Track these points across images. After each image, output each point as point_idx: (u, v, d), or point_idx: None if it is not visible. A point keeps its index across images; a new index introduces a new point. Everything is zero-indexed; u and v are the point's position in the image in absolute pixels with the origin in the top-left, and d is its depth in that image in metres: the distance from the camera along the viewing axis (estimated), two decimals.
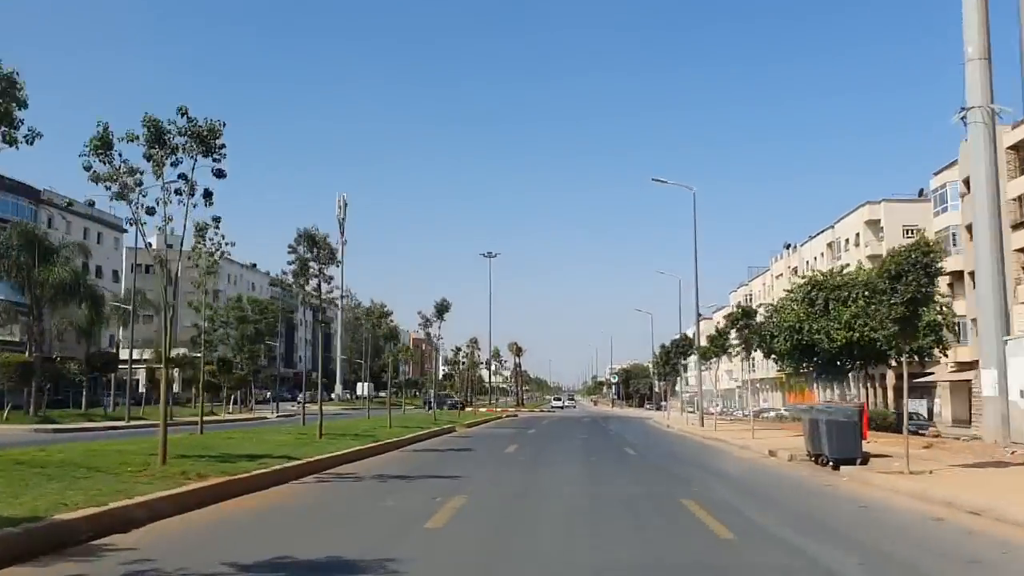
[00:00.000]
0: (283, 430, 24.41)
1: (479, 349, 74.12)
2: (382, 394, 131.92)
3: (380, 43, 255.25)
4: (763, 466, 18.73)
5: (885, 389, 72.92)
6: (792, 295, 48.79)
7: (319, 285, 20.96)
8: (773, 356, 46.37)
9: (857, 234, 73.48)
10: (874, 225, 70.59)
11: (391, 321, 43.10)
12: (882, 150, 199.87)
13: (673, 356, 46.89)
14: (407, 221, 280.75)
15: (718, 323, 54.03)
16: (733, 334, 29.67)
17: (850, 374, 48.51)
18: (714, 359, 35.45)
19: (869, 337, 43.54)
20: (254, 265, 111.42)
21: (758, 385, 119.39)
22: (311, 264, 20.11)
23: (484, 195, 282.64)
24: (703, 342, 34.05)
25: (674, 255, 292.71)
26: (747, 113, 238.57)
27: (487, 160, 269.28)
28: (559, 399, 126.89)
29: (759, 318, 46.67)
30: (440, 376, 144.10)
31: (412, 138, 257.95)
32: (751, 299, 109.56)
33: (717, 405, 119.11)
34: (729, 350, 34.72)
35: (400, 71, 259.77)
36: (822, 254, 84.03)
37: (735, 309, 32.72)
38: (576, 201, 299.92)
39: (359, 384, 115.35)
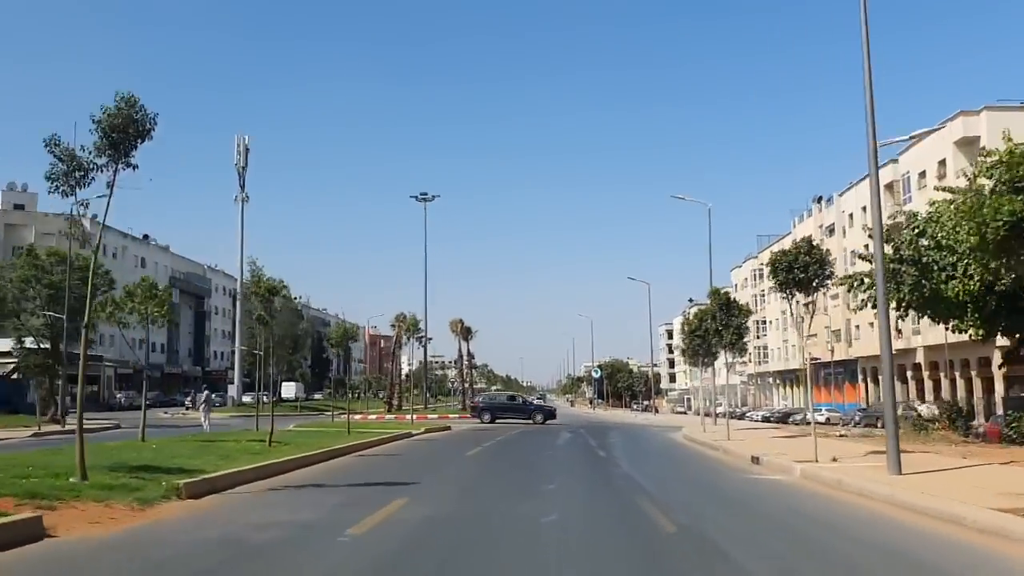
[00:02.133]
0: None
1: (410, 330, 49.81)
2: (317, 396, 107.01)
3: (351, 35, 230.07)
4: None
5: (988, 380, 49.77)
6: (966, 195, 24.72)
7: None
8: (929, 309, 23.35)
9: (942, 162, 50.40)
10: (969, 146, 47.16)
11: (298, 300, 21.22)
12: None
13: (735, 312, 23.33)
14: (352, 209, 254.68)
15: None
16: None
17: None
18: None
19: None
20: (145, 237, 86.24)
21: (770, 380, 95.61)
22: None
23: (455, 183, 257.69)
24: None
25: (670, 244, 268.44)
26: (746, 98, 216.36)
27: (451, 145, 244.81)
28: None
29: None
30: (403, 374, 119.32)
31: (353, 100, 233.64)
32: (762, 276, 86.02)
33: (719, 404, 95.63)
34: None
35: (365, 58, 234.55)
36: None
37: None
38: (556, 195, 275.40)
39: (285, 384, 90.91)
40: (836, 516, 9.93)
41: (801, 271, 15.11)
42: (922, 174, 52.81)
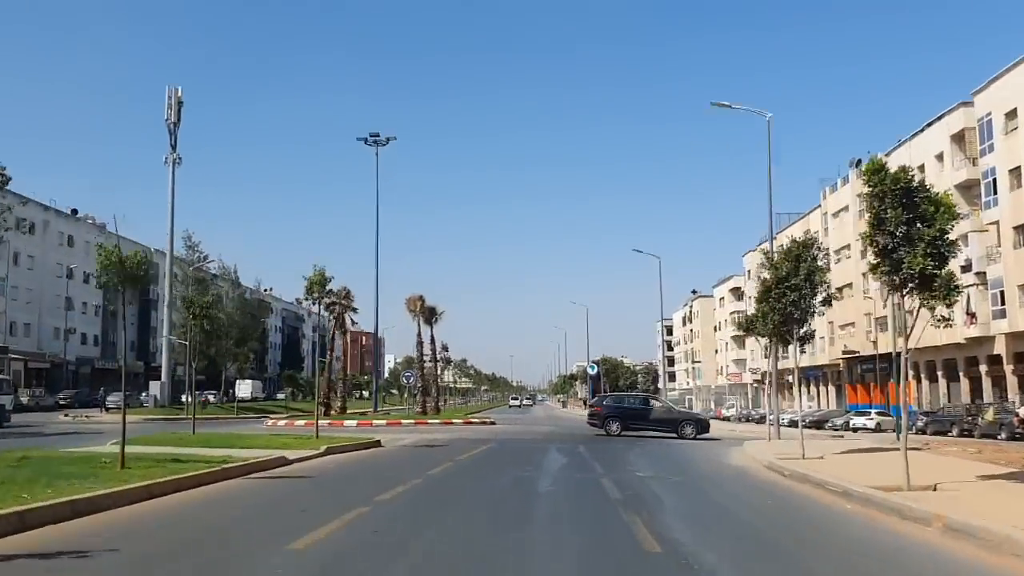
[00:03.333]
0: None
1: (354, 310, 37.87)
2: (280, 395, 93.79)
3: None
4: None
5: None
6: None
7: None
8: None
9: None
10: None
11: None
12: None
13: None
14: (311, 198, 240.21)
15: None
16: None
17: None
18: None
19: None
20: (74, 211, 73.71)
21: (788, 378, 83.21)
22: None
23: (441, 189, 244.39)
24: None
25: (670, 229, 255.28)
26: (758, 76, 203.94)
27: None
28: (516, 398, 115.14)
29: None
30: (387, 372, 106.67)
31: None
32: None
33: (731, 406, 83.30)
34: None
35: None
36: (939, 156, 49.17)
37: None
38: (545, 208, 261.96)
39: (240, 384, 78.61)
40: None
41: None
42: (1010, 114, 41.15)
